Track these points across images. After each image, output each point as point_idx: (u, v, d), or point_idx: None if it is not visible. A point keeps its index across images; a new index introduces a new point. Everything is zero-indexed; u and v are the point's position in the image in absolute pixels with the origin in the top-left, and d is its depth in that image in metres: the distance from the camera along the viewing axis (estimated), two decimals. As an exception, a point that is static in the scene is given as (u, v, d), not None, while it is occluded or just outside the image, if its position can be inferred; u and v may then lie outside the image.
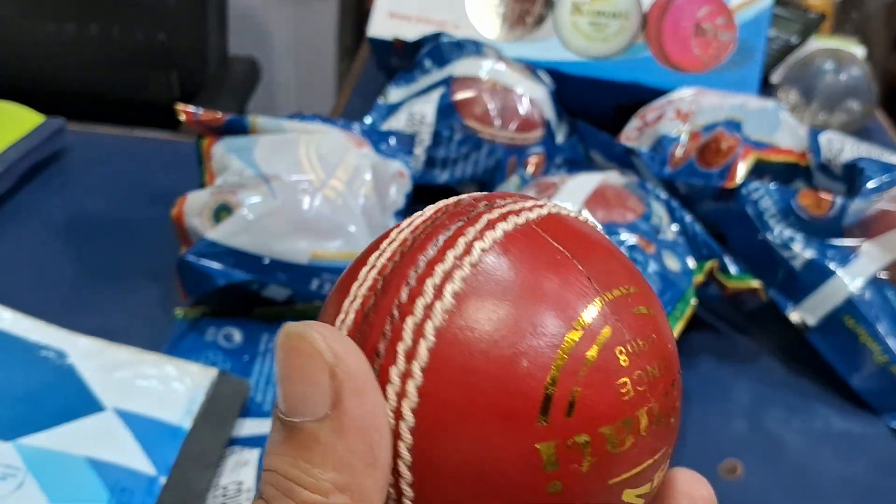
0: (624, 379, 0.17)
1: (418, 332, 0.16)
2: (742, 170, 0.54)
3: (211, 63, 1.22)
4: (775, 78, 0.85)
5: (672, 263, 0.49)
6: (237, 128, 0.53)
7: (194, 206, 0.50)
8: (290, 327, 0.17)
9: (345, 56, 1.52)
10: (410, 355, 0.16)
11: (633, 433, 0.17)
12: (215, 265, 0.48)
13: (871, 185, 0.52)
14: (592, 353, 0.16)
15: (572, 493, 0.16)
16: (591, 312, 0.17)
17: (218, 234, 0.48)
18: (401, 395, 0.16)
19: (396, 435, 0.16)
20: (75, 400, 0.43)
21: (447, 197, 0.20)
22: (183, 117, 0.54)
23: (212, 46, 1.22)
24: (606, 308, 0.17)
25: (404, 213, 0.58)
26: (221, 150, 0.52)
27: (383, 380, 0.17)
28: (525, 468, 0.16)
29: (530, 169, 0.63)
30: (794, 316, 0.51)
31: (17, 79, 1.21)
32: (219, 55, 1.24)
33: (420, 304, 0.17)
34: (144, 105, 1.26)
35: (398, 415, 0.16)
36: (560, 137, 0.67)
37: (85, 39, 1.22)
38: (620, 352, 0.17)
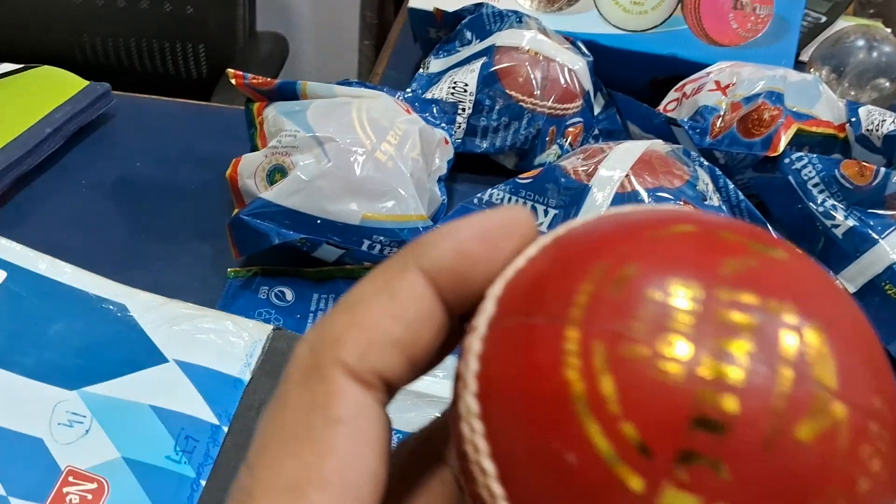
0: None
1: None
2: (785, 139, 0.54)
3: (239, 37, 1.23)
4: (805, 56, 0.85)
5: (717, 229, 0.50)
6: (288, 92, 0.54)
7: (249, 167, 0.51)
8: None
9: (367, 33, 1.53)
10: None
11: None
12: (270, 224, 0.49)
13: (912, 155, 0.52)
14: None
15: None
16: None
17: (272, 194, 0.49)
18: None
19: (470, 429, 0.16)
20: (138, 351, 0.44)
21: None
22: (234, 81, 0.55)
23: (240, 20, 1.22)
24: None
25: (446, 179, 0.59)
26: (274, 114, 0.53)
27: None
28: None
29: (569, 139, 0.64)
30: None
31: (46, 50, 1.22)
32: (247, 30, 1.24)
33: None
34: (173, 78, 1.27)
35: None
36: (597, 109, 0.68)
37: (113, 12, 1.23)
38: None
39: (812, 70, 0.81)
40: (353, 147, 0.49)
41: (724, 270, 0.15)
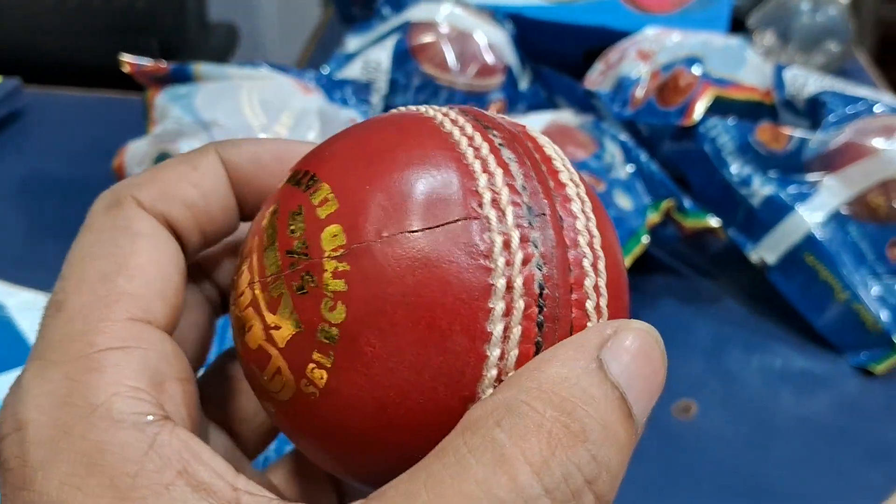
0: None
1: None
2: (700, 107, 0.52)
3: (190, 28, 1.21)
4: (752, 22, 0.83)
5: (623, 202, 0.47)
6: (182, 77, 0.52)
7: (135, 156, 0.49)
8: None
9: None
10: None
11: None
12: (156, 215, 0.47)
13: (832, 118, 0.50)
14: None
15: None
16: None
17: (158, 183, 0.47)
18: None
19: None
20: (11, 350, 0.43)
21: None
22: (127, 69, 0.53)
23: (190, 12, 1.20)
24: None
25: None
26: (164, 100, 0.51)
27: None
28: None
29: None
30: (754, 255, 0.50)
31: (-4, 49, 1.20)
32: (197, 21, 1.22)
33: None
34: (125, 74, 1.25)
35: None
36: (523, 84, 0.65)
37: (65, 7, 1.21)
38: None
39: (757, 35, 0.79)
40: (241, 130, 0.47)
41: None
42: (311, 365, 0.17)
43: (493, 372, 0.16)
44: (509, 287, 0.16)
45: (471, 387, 0.16)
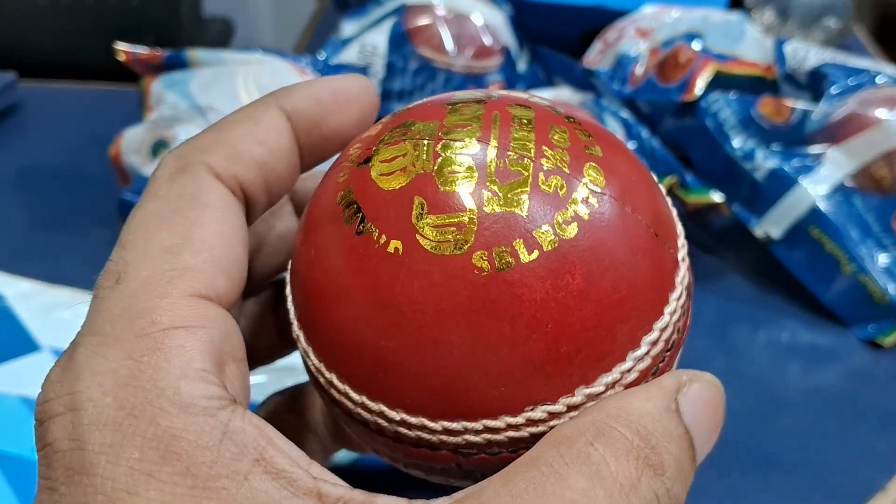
0: None
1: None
2: (701, 83, 0.52)
3: (185, 25, 1.20)
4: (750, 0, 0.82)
5: (625, 178, 0.47)
6: (177, 63, 0.52)
7: (131, 143, 0.48)
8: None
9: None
10: None
11: None
12: (154, 202, 0.47)
13: (834, 90, 0.50)
14: None
15: None
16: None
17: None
18: None
19: None
20: (11, 340, 0.42)
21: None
22: (122, 57, 0.53)
23: (185, 7, 1.19)
24: None
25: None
26: (159, 87, 0.50)
27: None
28: None
29: (489, 98, 0.61)
30: (758, 230, 0.50)
31: (-8, 49, 1.19)
32: (192, 16, 1.22)
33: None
34: (122, 70, 1.24)
35: None
36: (522, 65, 0.65)
37: (60, 5, 1.20)
38: None
39: (756, 12, 0.78)
40: (238, 115, 0.47)
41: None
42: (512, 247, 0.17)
43: (613, 378, 0.18)
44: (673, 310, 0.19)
45: (595, 370, 0.18)
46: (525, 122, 0.19)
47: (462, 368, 0.17)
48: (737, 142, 0.50)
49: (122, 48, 0.52)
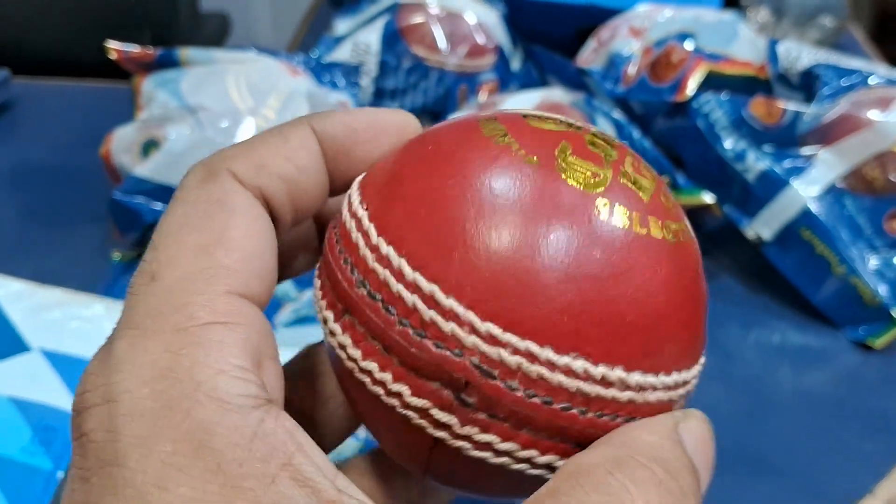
0: None
1: None
2: (693, 83, 0.51)
3: (182, 20, 1.20)
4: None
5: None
6: (168, 62, 0.52)
7: (122, 142, 0.48)
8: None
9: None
10: None
11: None
12: (144, 202, 0.47)
13: (827, 90, 0.49)
14: None
15: None
16: None
17: (145, 169, 0.47)
18: None
19: None
20: (0, 341, 0.42)
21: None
22: (114, 55, 0.53)
23: (182, 4, 1.19)
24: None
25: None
26: (150, 86, 0.50)
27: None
28: None
29: (482, 97, 0.61)
30: (750, 231, 0.49)
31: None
32: (189, 11, 1.22)
33: None
34: (118, 67, 1.24)
35: None
36: (515, 64, 0.65)
37: (55, 4, 1.20)
38: None
39: (751, 11, 0.78)
40: (228, 114, 0.47)
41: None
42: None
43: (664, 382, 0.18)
44: None
45: (662, 365, 0.18)
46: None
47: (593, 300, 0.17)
48: (728, 143, 0.50)
49: (114, 46, 0.52)
